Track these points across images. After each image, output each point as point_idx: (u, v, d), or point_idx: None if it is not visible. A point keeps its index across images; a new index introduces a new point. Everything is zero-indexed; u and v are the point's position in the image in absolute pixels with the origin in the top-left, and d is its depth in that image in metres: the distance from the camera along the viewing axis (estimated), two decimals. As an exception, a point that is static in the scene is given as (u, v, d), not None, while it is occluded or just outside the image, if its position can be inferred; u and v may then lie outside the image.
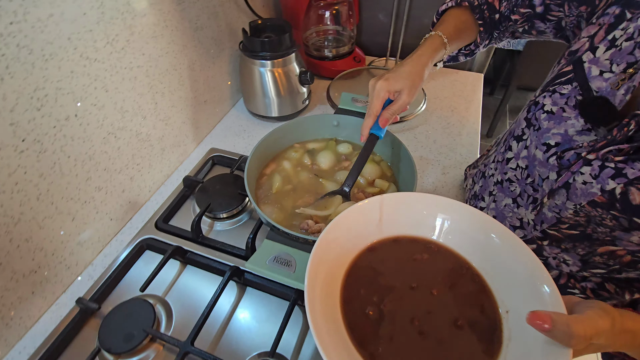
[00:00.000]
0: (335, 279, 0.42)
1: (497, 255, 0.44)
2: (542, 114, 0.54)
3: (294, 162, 0.70)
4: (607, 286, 0.58)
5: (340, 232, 0.44)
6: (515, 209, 0.61)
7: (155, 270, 0.64)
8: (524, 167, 0.58)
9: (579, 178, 0.47)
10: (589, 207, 0.46)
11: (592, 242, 0.50)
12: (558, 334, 0.32)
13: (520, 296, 0.40)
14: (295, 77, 0.94)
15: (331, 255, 0.43)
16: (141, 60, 0.68)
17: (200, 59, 0.86)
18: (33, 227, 0.57)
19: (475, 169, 0.78)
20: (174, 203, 0.78)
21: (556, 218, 0.52)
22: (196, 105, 0.89)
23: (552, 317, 0.33)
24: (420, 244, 0.47)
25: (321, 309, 0.38)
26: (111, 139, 0.67)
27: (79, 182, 0.62)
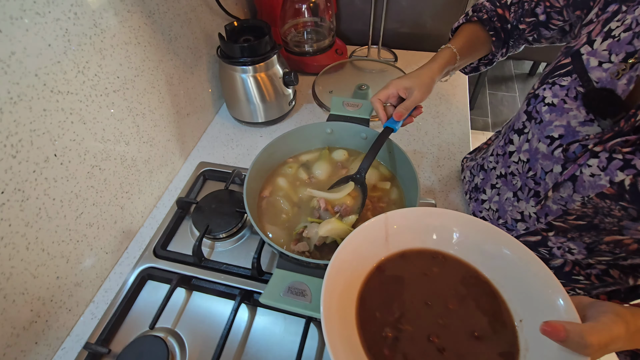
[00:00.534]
0: (349, 304, 0.42)
1: (507, 267, 0.44)
2: (543, 107, 0.53)
3: (290, 178, 0.68)
4: (611, 272, 0.60)
5: (348, 254, 0.43)
6: (515, 203, 0.62)
7: (162, 304, 0.62)
8: (525, 161, 0.58)
9: (586, 170, 0.47)
10: (597, 198, 0.46)
11: (599, 231, 0.51)
12: (572, 344, 0.33)
13: (533, 306, 0.40)
14: (279, 80, 0.90)
15: (343, 280, 0.42)
16: (117, 84, 0.64)
17: (178, 71, 0.81)
18: (27, 278, 0.54)
19: (473, 162, 0.78)
20: (170, 227, 0.75)
21: (562, 210, 0.52)
22: (179, 120, 0.85)
23: (566, 328, 0.33)
24: (427, 256, 0.47)
25: (340, 337, 0.37)
26: (96, 172, 0.63)
27: (68, 222, 0.59)
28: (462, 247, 0.47)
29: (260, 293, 0.65)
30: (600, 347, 0.33)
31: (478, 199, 0.72)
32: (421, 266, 0.46)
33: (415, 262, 0.46)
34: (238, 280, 0.67)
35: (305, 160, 0.71)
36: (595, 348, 0.32)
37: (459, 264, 0.46)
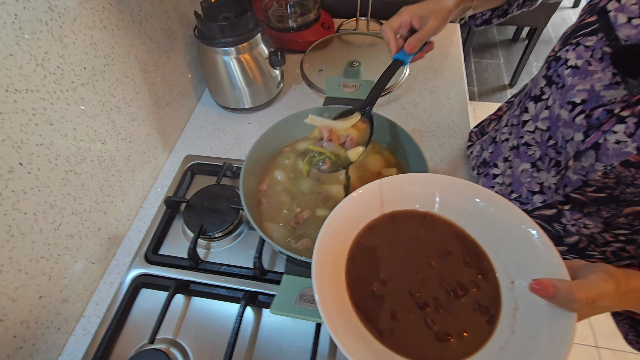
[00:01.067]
0: (339, 262, 0.42)
1: (491, 222, 0.44)
2: (566, 70, 0.49)
3: (287, 170, 0.62)
4: (627, 248, 0.58)
5: (343, 217, 0.43)
6: (534, 173, 0.59)
7: (160, 314, 0.57)
8: (545, 129, 0.54)
9: (610, 137, 0.44)
10: (620, 167, 0.44)
11: (619, 203, 0.49)
12: (560, 300, 0.33)
13: (525, 267, 0.40)
14: (265, 60, 0.83)
15: (335, 241, 0.42)
16: (84, 77, 0.56)
17: (152, 57, 0.73)
18: (4, 303, 0.48)
19: (484, 135, 0.74)
20: (160, 229, 0.69)
21: (582, 181, 0.50)
22: (159, 111, 0.77)
23: (554, 284, 0.34)
24: (416, 218, 0.47)
25: (330, 294, 0.38)
26: (71, 177, 0.56)
27: (45, 237, 0.53)
28: (451, 209, 0.47)
29: (265, 294, 0.61)
30: (588, 302, 0.33)
31: (488, 174, 0.69)
32: (409, 226, 0.46)
33: (404, 223, 0.47)
34: (240, 281, 0.63)
35: (302, 149, 0.65)
36: (582, 303, 0.33)
37: (446, 225, 0.46)
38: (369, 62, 0.95)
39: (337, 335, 0.33)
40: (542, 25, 2.19)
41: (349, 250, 0.44)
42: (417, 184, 0.47)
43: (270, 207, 0.59)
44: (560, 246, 0.62)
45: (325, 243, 0.40)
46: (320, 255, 0.39)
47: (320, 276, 0.38)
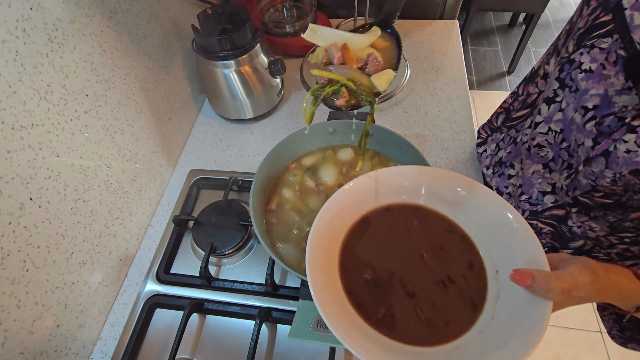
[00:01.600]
0: (333, 250, 0.45)
1: (486, 222, 0.45)
2: (580, 74, 0.48)
3: (296, 188, 0.62)
4: (632, 249, 0.59)
5: (339, 206, 0.46)
6: (547, 174, 0.58)
7: (177, 336, 0.58)
8: (559, 131, 0.54)
9: (621, 146, 0.43)
10: (630, 175, 0.44)
11: (625, 209, 0.49)
12: (538, 289, 0.36)
13: (509, 257, 0.42)
14: (265, 70, 0.82)
15: (330, 230, 0.45)
16: (87, 104, 0.56)
17: (152, 74, 0.72)
18: (24, 337, 0.48)
19: (500, 134, 0.73)
20: (170, 248, 0.70)
21: (591, 186, 0.50)
22: (161, 128, 0.77)
23: (533, 274, 0.36)
24: (410, 210, 0.49)
25: (323, 281, 0.40)
26: (80, 206, 0.56)
27: (59, 267, 0.53)
28: (436, 199, 0.49)
29: (279, 310, 0.62)
30: (563, 292, 0.35)
31: (504, 174, 0.68)
32: (403, 219, 0.49)
33: (398, 215, 0.49)
34: (253, 298, 0.64)
35: (309, 165, 0.65)
36: (557, 293, 0.35)
37: (438, 217, 0.49)
38: (369, 66, 0.94)
39: (330, 320, 0.35)
40: (539, 10, 2.16)
41: (343, 240, 0.46)
42: (407, 176, 0.49)
43: (280, 227, 0.60)
44: (565, 249, 0.63)
45: (320, 232, 0.42)
46: (314, 244, 0.41)
47: (314, 264, 0.40)
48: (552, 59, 0.58)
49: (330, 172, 0.63)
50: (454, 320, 0.41)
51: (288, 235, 0.59)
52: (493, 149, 0.72)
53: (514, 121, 0.69)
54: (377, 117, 0.88)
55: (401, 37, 0.52)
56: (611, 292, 0.38)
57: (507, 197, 0.68)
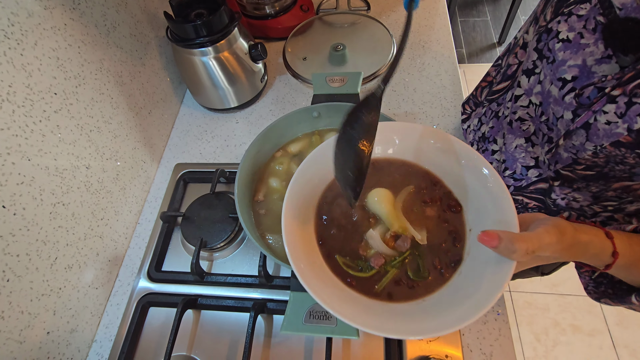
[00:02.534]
0: (309, 212, 0.46)
1: (463, 178, 0.46)
2: (557, 44, 0.46)
3: (283, 176, 0.60)
4: (616, 217, 0.58)
5: (309, 170, 0.46)
6: (529, 148, 0.57)
7: (172, 334, 0.57)
8: (538, 104, 0.52)
9: (601, 118, 0.42)
10: (611, 147, 0.42)
11: (608, 180, 0.48)
12: (503, 249, 0.36)
13: (482, 215, 0.43)
14: (245, 56, 0.79)
15: (305, 191, 0.45)
16: (57, 103, 0.53)
17: (126, 67, 0.69)
18: (12, 347, 0.47)
19: (482, 108, 0.71)
20: (160, 245, 0.68)
21: (572, 159, 0.49)
22: (141, 122, 0.74)
23: (499, 236, 0.35)
24: (395, 165, 0.49)
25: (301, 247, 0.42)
26: (60, 209, 0.54)
27: (43, 274, 0.52)
28: (427, 158, 0.49)
29: (273, 301, 0.61)
30: (527, 252, 0.35)
31: (487, 150, 0.67)
32: (390, 172, 0.49)
33: (386, 169, 0.49)
34: (247, 290, 0.63)
35: (295, 152, 0.63)
36: (521, 253, 0.35)
37: (421, 172, 0.49)
38: (353, 44, 0.90)
39: (306, 280, 0.37)
40: (528, -23, 2.10)
41: (318, 200, 0.47)
42: (390, 131, 0.49)
43: (269, 217, 0.58)
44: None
45: (295, 194, 0.43)
46: (290, 205, 0.42)
47: (290, 225, 0.41)
48: (531, 28, 0.56)
49: None
50: (433, 277, 0.42)
51: (277, 226, 0.57)
52: (476, 124, 0.71)
53: (495, 94, 0.68)
54: (365, 98, 0.85)
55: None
56: (579, 251, 0.39)
57: None
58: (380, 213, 0.46)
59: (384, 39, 0.90)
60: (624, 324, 1.49)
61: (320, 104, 0.60)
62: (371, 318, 0.37)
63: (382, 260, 0.43)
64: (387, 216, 0.45)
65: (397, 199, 0.48)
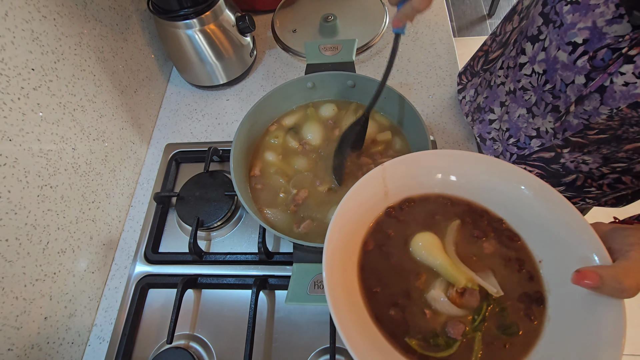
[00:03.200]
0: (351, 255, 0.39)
1: (524, 206, 0.40)
2: (565, 6, 0.44)
3: (279, 150, 0.59)
4: (623, 179, 0.58)
5: (349, 211, 0.39)
6: (530, 119, 0.57)
7: (174, 314, 0.56)
8: (542, 73, 0.51)
9: (618, 79, 0.41)
10: (627, 109, 0.42)
11: (620, 142, 0.47)
12: (608, 289, 0.31)
13: (554, 245, 0.37)
14: (232, 29, 0.76)
15: (346, 233, 0.39)
16: (35, 79, 0.50)
17: (107, 42, 0.65)
18: (9, 333, 0.46)
19: (478, 78, 0.70)
20: (155, 227, 0.67)
21: (583, 125, 0.48)
22: (127, 101, 0.71)
23: (600, 274, 0.31)
24: (433, 200, 0.43)
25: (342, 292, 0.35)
26: (47, 192, 0.52)
27: (35, 259, 0.50)
28: (470, 185, 0.42)
29: (275, 276, 0.61)
30: (638, 287, 0.30)
31: (484, 120, 0.66)
32: (428, 210, 0.42)
33: (423, 206, 0.43)
34: (247, 267, 0.62)
35: (290, 125, 0.61)
36: (633, 291, 0.30)
37: (470, 206, 0.42)
38: (344, 14, 0.87)
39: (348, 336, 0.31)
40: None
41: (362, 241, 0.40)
42: (427, 162, 0.43)
43: (266, 192, 0.57)
44: (557, 186, 0.62)
45: (334, 242, 0.37)
46: (330, 252, 0.36)
47: (331, 269, 0.35)
48: None
49: (313, 131, 0.59)
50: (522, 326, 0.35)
51: (275, 200, 0.56)
52: (472, 95, 0.69)
53: (489, 64, 0.66)
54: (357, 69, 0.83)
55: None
56: None
57: (492, 142, 0.66)
58: (433, 265, 0.39)
59: (376, 8, 0.87)
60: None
61: (314, 73, 0.58)
62: None
63: (462, 327, 0.36)
64: (445, 269, 0.38)
65: (447, 241, 0.41)
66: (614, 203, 0.66)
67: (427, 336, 0.36)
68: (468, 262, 0.39)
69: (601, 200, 0.65)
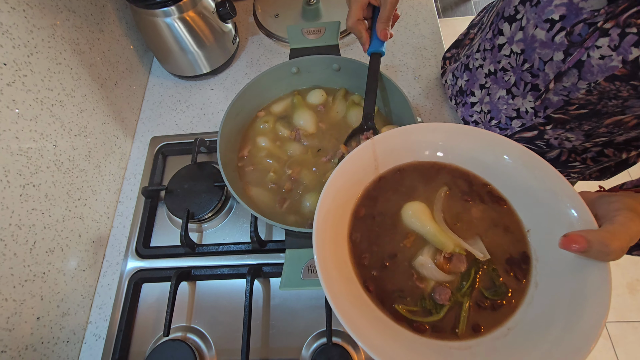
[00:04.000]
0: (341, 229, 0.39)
1: (510, 174, 0.41)
2: None
3: (269, 135, 0.58)
4: (606, 152, 0.59)
5: (339, 184, 0.39)
6: (509, 100, 0.57)
7: (169, 307, 0.56)
8: (519, 52, 0.51)
9: (594, 53, 0.42)
10: (605, 82, 0.42)
11: (600, 117, 0.48)
12: (594, 253, 0.32)
13: (542, 214, 0.38)
14: (212, 15, 0.74)
15: (337, 204, 0.39)
16: (8, 74, 0.48)
17: (83, 33, 0.63)
18: (0, 335, 0.45)
19: (456, 63, 0.70)
20: (145, 222, 0.66)
21: (564, 101, 0.49)
22: (108, 95, 0.69)
23: (587, 238, 0.31)
24: (424, 168, 0.44)
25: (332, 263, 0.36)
26: (30, 191, 0.51)
27: (22, 259, 0.49)
28: (458, 157, 0.43)
29: (269, 264, 0.61)
30: (623, 250, 0.32)
31: (466, 103, 0.67)
32: (417, 179, 0.43)
33: (412, 175, 0.43)
34: (241, 257, 0.62)
35: (278, 112, 0.60)
36: (618, 253, 0.31)
37: (458, 172, 0.43)
38: (327, -3, 0.86)
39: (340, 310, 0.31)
40: None
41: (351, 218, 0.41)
42: (413, 135, 0.43)
43: (255, 174, 0.56)
44: None
45: (324, 214, 0.37)
46: (321, 224, 0.36)
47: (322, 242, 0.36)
48: None
49: (305, 118, 0.58)
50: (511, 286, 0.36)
51: (263, 181, 0.56)
52: (451, 79, 0.70)
53: (467, 47, 0.67)
54: (342, 53, 0.82)
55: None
56: None
57: (474, 125, 0.66)
58: (422, 232, 0.40)
59: (359, -11, 0.86)
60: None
61: (299, 58, 0.57)
62: None
63: (448, 293, 0.37)
64: (434, 235, 0.39)
65: (435, 208, 0.41)
66: (598, 176, 0.68)
67: (416, 302, 0.37)
68: (456, 228, 0.40)
69: (585, 174, 0.67)
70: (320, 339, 0.56)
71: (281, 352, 0.56)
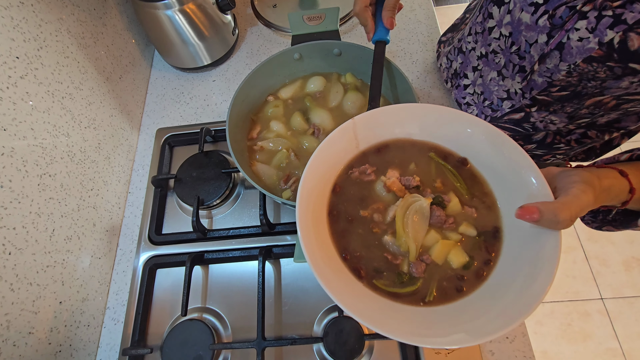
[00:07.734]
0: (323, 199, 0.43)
1: (478, 149, 0.44)
2: None
3: (281, 119, 0.60)
4: (589, 133, 0.61)
5: (321, 162, 0.42)
6: (500, 82, 0.59)
7: (185, 288, 0.58)
8: (507, 35, 0.53)
9: (573, 35, 0.44)
10: (583, 64, 0.44)
11: (581, 98, 0.50)
12: (546, 222, 0.35)
13: (506, 186, 0.41)
14: (212, 6, 0.75)
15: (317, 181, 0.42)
16: (21, 67, 0.49)
17: (87, 27, 0.64)
18: (28, 317, 0.48)
19: (449, 46, 0.72)
20: (156, 210, 0.68)
21: (547, 82, 0.51)
22: (113, 88, 0.71)
23: (539, 208, 0.34)
24: (399, 146, 0.47)
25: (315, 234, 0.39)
26: (47, 181, 0.52)
27: (43, 246, 0.51)
28: (433, 134, 0.46)
29: (279, 246, 0.63)
30: (572, 219, 0.34)
31: (460, 85, 0.69)
32: (395, 154, 0.46)
33: (388, 152, 0.46)
34: (251, 240, 0.64)
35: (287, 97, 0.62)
36: (567, 222, 0.34)
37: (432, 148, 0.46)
38: (323, -15, 0.87)
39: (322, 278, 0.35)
40: None
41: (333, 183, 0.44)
42: (392, 115, 0.46)
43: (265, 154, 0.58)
44: (529, 144, 0.65)
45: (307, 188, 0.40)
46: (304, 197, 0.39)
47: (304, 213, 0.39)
48: None
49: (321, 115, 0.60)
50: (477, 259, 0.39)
51: (271, 159, 0.58)
52: (446, 62, 0.72)
53: (458, 31, 0.68)
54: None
55: None
56: (605, 198, 0.39)
57: (466, 107, 0.68)
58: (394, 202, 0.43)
59: (354, -24, 0.87)
60: (593, 239, 1.62)
61: (301, 44, 0.59)
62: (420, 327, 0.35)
63: (422, 266, 0.40)
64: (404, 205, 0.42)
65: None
66: (583, 158, 0.70)
67: (390, 271, 0.40)
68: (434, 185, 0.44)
69: (570, 155, 0.69)
70: (330, 313, 0.58)
71: (294, 327, 0.58)
